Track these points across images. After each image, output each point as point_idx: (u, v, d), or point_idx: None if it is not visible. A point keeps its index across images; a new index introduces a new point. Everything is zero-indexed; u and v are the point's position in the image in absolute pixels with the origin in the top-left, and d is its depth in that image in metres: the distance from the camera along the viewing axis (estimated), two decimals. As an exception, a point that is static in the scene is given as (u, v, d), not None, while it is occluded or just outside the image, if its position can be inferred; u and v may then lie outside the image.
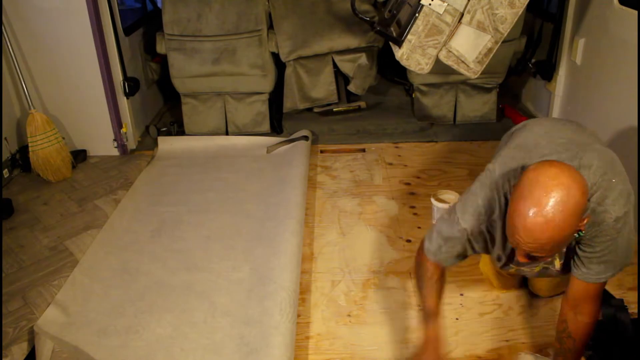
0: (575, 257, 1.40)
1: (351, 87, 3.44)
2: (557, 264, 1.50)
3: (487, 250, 1.52)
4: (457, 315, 1.90)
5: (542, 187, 1.14)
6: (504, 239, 1.40)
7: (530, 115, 3.37)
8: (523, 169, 1.31)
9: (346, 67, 3.38)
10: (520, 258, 1.26)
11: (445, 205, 2.31)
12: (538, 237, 1.15)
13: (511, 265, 1.54)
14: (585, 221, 1.24)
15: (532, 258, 1.25)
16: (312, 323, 1.89)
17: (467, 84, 3.30)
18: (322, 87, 3.45)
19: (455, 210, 1.50)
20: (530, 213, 1.14)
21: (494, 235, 1.45)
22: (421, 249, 1.60)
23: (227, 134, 3.40)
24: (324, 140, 3.31)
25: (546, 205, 1.12)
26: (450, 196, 2.40)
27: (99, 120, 3.06)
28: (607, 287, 1.97)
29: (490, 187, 1.43)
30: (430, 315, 1.56)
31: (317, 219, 2.51)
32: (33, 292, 2.02)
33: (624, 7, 2.36)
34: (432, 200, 2.36)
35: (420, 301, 1.61)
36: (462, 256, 1.54)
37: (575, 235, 1.28)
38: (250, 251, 2.24)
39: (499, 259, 1.52)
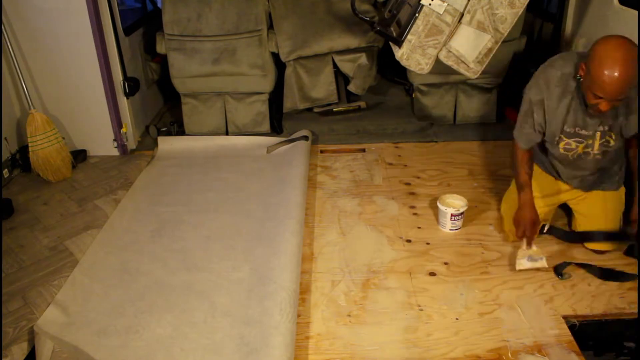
0: (627, 120, 1.90)
1: (351, 87, 3.44)
2: (596, 145, 1.98)
3: (544, 120, 2.00)
4: (457, 315, 1.90)
5: (615, 50, 1.68)
6: (563, 102, 1.93)
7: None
8: (581, 55, 1.90)
9: (346, 67, 3.38)
10: (603, 106, 1.76)
11: (451, 209, 2.31)
12: (620, 81, 1.67)
13: (562, 138, 2.01)
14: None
15: (613, 105, 1.76)
16: (312, 323, 1.89)
17: (467, 84, 3.30)
18: (322, 87, 3.45)
19: (523, 99, 2.05)
20: (614, 68, 1.66)
21: (552, 108, 1.96)
22: (514, 140, 2.13)
23: (227, 134, 3.40)
24: (324, 140, 3.31)
25: (621, 61, 1.66)
26: (457, 201, 2.39)
27: (99, 120, 3.06)
28: (609, 288, 1.99)
29: (551, 69, 1.96)
30: (523, 186, 2.09)
31: (317, 219, 2.51)
32: (33, 292, 2.02)
33: (624, 7, 2.36)
34: (439, 204, 2.35)
35: (515, 178, 2.15)
36: (534, 130, 2.04)
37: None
38: (250, 251, 2.24)
39: (553, 135, 2.01)
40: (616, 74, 1.66)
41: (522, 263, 2.07)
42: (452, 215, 2.32)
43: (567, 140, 2.01)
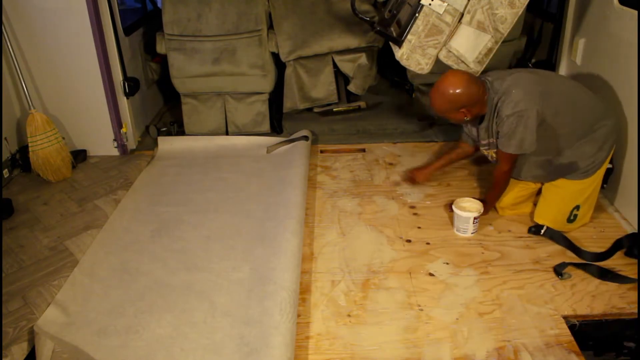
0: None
1: (351, 87, 3.44)
2: (491, 152, 2.30)
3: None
4: (457, 316, 1.89)
5: (442, 81, 2.13)
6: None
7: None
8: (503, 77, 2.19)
9: (346, 67, 3.37)
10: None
11: (467, 214, 2.29)
12: (432, 103, 2.19)
13: (481, 146, 2.37)
14: (464, 110, 2.14)
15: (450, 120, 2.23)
16: (312, 323, 1.89)
17: (467, 84, 3.30)
18: (322, 87, 3.45)
19: None
20: (431, 91, 2.18)
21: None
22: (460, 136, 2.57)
23: (227, 134, 3.40)
24: (324, 140, 3.31)
25: (439, 89, 2.14)
26: (472, 204, 2.35)
27: (99, 120, 3.07)
28: (609, 288, 1.99)
29: None
30: (438, 160, 2.69)
31: (317, 219, 2.51)
32: (33, 292, 2.02)
33: (624, 7, 2.36)
34: (454, 207, 2.32)
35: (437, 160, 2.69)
36: (466, 128, 2.45)
37: (465, 118, 2.17)
38: (250, 251, 2.24)
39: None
40: (431, 96, 2.18)
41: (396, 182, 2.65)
42: (474, 218, 2.29)
43: (482, 148, 2.38)
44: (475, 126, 2.30)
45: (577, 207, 2.27)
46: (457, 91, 2.08)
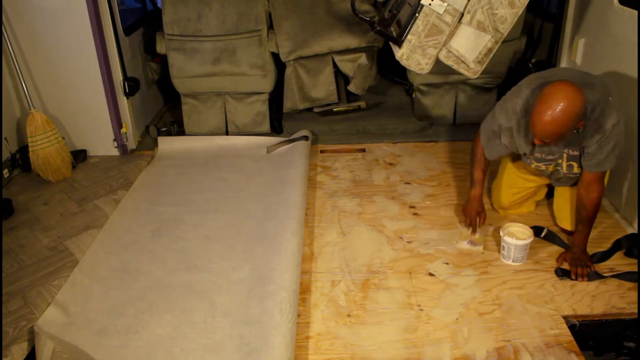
0: (583, 155, 1.98)
1: (351, 87, 3.44)
2: (564, 165, 2.08)
3: (512, 143, 2.11)
4: (457, 315, 1.89)
5: (555, 96, 1.74)
6: (527, 134, 2.01)
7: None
8: (544, 84, 1.86)
9: (346, 67, 3.37)
10: (536, 141, 1.87)
11: (524, 242, 2.09)
12: (547, 129, 1.77)
13: (532, 160, 2.13)
14: (581, 123, 1.85)
15: (545, 143, 1.86)
16: (312, 323, 1.89)
17: (467, 84, 3.30)
18: (322, 87, 3.45)
19: (495, 110, 2.14)
20: (545, 113, 1.74)
21: (520, 132, 2.04)
22: (478, 135, 2.27)
23: (227, 134, 3.41)
24: (324, 140, 3.31)
25: (555, 109, 1.72)
26: (519, 229, 2.16)
27: (99, 120, 3.07)
28: (609, 288, 1.99)
29: (519, 96, 2.01)
30: (476, 182, 2.29)
31: (317, 219, 2.51)
32: (33, 292, 2.02)
33: (624, 7, 2.36)
34: (506, 237, 2.11)
35: (471, 173, 2.32)
36: (502, 146, 2.15)
37: (575, 131, 1.87)
38: (250, 251, 2.24)
39: (524, 154, 2.14)
40: (546, 119, 1.75)
41: (463, 244, 2.27)
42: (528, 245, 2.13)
43: (536, 163, 2.15)
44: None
45: None
46: (577, 100, 1.74)
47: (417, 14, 2.31)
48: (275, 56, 3.29)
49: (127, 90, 3.12)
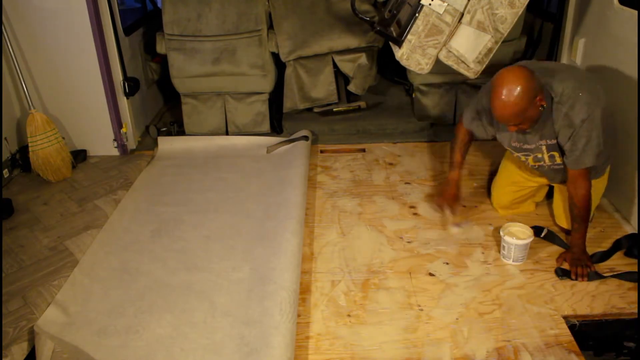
0: (564, 154, 1.99)
1: (351, 87, 3.44)
2: (546, 157, 2.08)
3: (491, 127, 2.17)
4: (457, 315, 1.89)
5: (503, 80, 1.81)
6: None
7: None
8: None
9: (346, 67, 3.37)
10: (510, 128, 1.91)
11: (524, 241, 2.09)
12: (505, 112, 1.82)
13: (513, 150, 2.16)
14: (539, 99, 1.83)
15: (520, 129, 1.91)
16: (312, 323, 1.89)
17: (467, 84, 3.30)
18: (322, 87, 3.45)
19: (480, 91, 2.20)
20: (498, 98, 1.81)
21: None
22: (461, 118, 2.32)
23: (227, 134, 3.40)
24: (324, 140, 3.31)
25: (504, 90, 1.79)
26: (520, 228, 2.16)
27: (99, 120, 3.07)
28: (609, 288, 1.99)
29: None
30: (454, 165, 2.32)
31: (317, 219, 2.51)
32: (33, 292, 2.02)
33: (624, 7, 2.36)
34: (506, 237, 2.11)
35: (450, 155, 2.35)
36: (483, 129, 2.21)
37: (540, 108, 1.86)
38: (250, 251, 2.24)
39: (506, 145, 2.17)
40: (499, 102, 1.81)
41: (454, 231, 2.34)
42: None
43: (517, 153, 2.17)
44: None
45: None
46: (525, 79, 1.79)
47: (417, 14, 2.31)
48: (275, 56, 3.29)
49: (127, 90, 3.12)
